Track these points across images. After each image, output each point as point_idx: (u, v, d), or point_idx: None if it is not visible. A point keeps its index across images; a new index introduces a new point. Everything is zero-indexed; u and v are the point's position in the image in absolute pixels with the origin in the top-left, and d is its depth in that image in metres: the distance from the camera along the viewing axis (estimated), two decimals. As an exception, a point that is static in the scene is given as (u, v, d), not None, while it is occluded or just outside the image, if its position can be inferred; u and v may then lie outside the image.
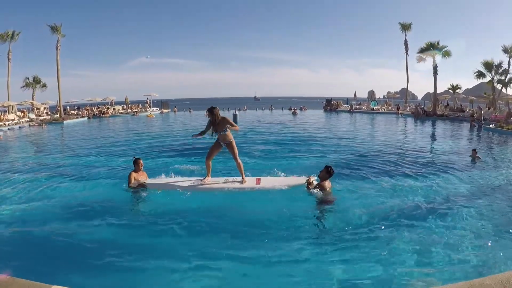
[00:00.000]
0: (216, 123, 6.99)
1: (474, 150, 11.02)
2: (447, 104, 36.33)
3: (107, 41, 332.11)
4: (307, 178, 7.10)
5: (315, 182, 7.00)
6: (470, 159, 10.85)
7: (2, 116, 30.15)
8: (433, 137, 19.15)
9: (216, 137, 7.17)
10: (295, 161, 10.56)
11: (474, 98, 37.69)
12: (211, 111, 6.98)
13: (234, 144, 7.16)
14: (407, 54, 44.18)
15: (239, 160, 7.22)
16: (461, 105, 34.24)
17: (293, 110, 40.10)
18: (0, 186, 8.22)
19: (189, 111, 44.32)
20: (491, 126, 20.86)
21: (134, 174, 7.43)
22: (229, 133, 7.06)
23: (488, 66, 32.32)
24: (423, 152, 13.08)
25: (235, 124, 7.06)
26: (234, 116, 25.01)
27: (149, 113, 40.66)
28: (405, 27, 43.45)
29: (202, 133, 7.27)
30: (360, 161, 10.64)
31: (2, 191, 7.71)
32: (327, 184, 6.64)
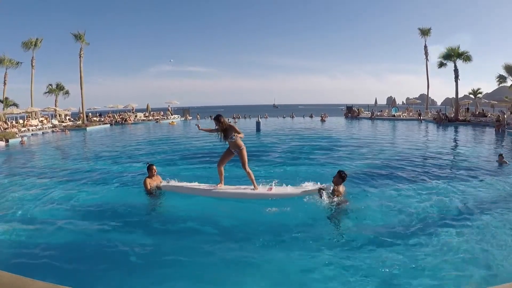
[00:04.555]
0: (223, 130, 7.02)
1: (500, 155, 10.85)
2: (468, 109, 35.59)
3: (126, 48, 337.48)
4: (320, 186, 6.85)
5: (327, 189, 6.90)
6: (497, 164, 10.62)
7: (25, 122, 31.06)
8: (457, 142, 18.65)
9: (228, 144, 7.23)
10: (318, 168, 10.45)
11: (496, 102, 36.87)
12: (218, 119, 7.03)
13: (244, 152, 7.08)
14: (427, 59, 43.24)
15: (248, 169, 7.12)
16: (483, 110, 33.55)
17: (321, 117, 39.48)
18: (23, 190, 8.46)
19: (211, 118, 44.62)
20: (514, 130, 20.33)
21: (148, 180, 7.54)
22: (238, 140, 7.03)
23: (510, 69, 31.60)
24: (448, 157, 12.85)
25: (240, 131, 7.01)
26: (258, 123, 25.08)
27: (171, 120, 41.10)
28: (424, 32, 42.64)
29: (210, 130, 7.48)
30: (384, 166, 10.54)
31: (25, 194, 7.93)
32: (341, 188, 6.63)
